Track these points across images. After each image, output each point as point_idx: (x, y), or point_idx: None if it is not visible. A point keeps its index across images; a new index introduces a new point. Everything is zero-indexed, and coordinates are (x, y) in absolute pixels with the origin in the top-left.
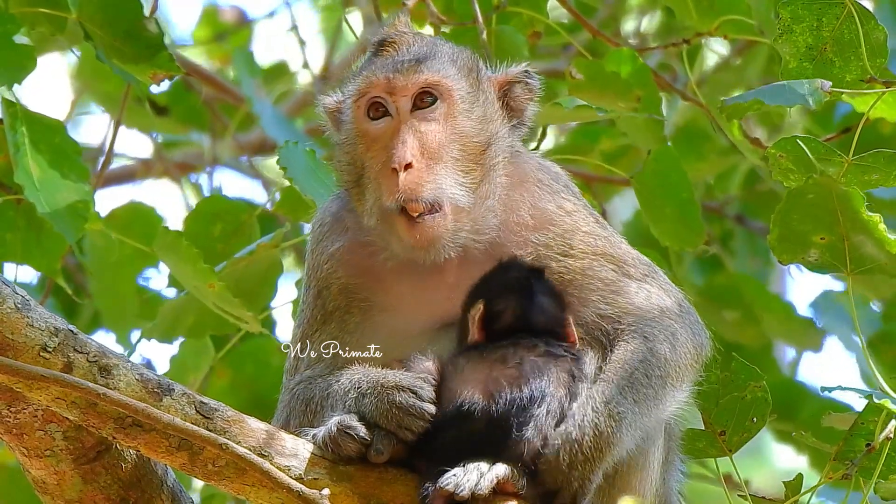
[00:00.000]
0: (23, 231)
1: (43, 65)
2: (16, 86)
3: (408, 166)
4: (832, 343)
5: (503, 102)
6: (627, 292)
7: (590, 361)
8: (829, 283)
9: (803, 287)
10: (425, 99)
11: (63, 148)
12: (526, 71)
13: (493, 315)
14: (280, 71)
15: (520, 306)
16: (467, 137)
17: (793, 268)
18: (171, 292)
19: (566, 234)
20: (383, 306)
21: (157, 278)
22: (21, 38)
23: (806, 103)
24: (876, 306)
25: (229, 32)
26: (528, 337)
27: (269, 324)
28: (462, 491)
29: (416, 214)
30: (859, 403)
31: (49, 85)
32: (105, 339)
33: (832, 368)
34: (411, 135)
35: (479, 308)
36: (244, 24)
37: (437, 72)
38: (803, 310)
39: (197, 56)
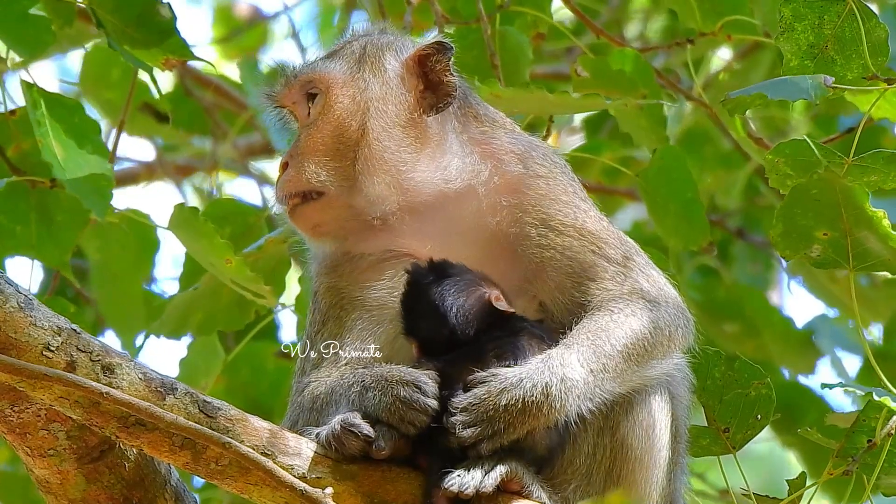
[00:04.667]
0: (35, 224)
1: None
2: (30, 70)
3: (285, 167)
4: (826, 369)
5: (424, 77)
6: (603, 278)
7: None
8: (824, 308)
9: (800, 304)
10: (312, 98)
11: (82, 127)
12: (437, 42)
13: (428, 344)
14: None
15: (441, 326)
16: (341, 121)
17: (792, 282)
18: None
19: (542, 201)
20: (373, 301)
21: (161, 282)
22: (38, 12)
23: (808, 97)
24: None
25: (243, 30)
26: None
27: (273, 327)
28: (466, 489)
29: (292, 206)
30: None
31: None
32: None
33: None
34: (299, 136)
35: (413, 343)
36: (259, 20)
37: (311, 69)
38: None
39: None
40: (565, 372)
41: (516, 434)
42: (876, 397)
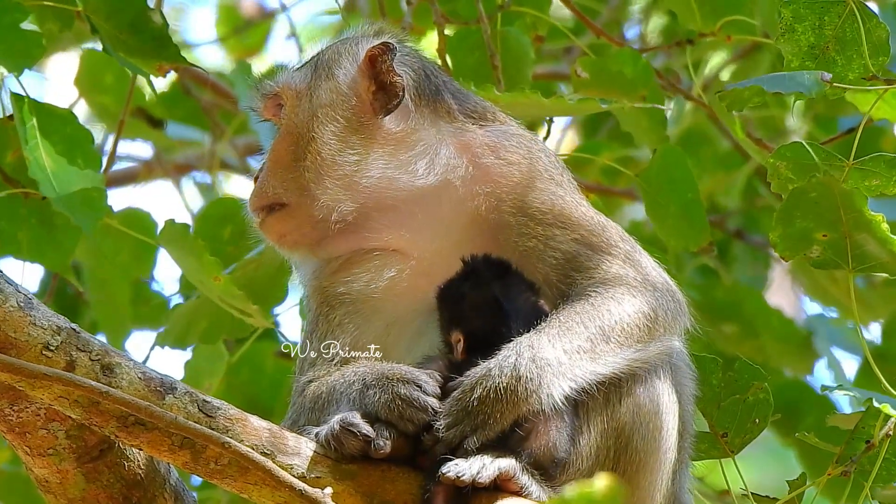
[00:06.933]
0: (34, 228)
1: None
2: (23, 78)
3: (256, 179)
4: (824, 369)
5: (375, 78)
6: (588, 268)
7: None
8: (821, 308)
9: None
10: (280, 111)
11: (75, 137)
12: (382, 43)
13: (474, 340)
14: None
15: (497, 324)
16: (293, 131)
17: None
18: (172, 293)
19: (517, 188)
20: (357, 295)
21: (156, 285)
22: (29, 26)
23: (807, 92)
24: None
25: (245, 29)
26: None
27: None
28: (463, 476)
29: (261, 219)
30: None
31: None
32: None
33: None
34: (268, 148)
35: (458, 337)
36: (262, 18)
37: (276, 82)
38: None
39: (205, 57)
40: (534, 353)
41: (501, 425)
42: (876, 404)
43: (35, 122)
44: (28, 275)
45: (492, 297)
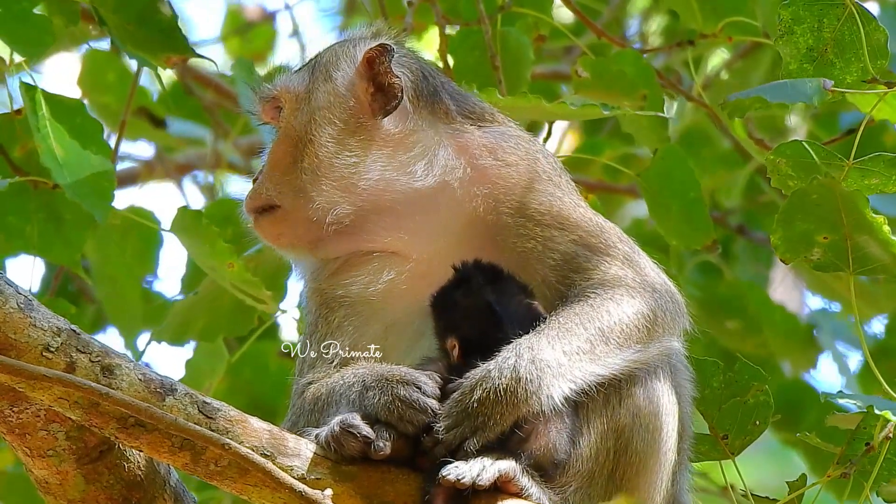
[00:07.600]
0: (43, 223)
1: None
2: (25, 77)
3: (255, 180)
4: (828, 363)
5: (373, 80)
6: (586, 269)
7: None
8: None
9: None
10: (279, 114)
11: (84, 127)
12: (380, 45)
13: (469, 346)
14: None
15: (491, 329)
16: (291, 134)
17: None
18: (174, 293)
19: (514, 189)
20: (355, 297)
21: (160, 283)
22: (39, 12)
23: (808, 101)
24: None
25: (246, 30)
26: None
27: (275, 327)
28: (463, 479)
29: (255, 219)
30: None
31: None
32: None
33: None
34: (267, 150)
35: (453, 343)
36: (265, 21)
37: (274, 86)
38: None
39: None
40: (534, 354)
41: (500, 426)
42: (877, 411)
43: (46, 111)
44: (38, 271)
45: (484, 303)
